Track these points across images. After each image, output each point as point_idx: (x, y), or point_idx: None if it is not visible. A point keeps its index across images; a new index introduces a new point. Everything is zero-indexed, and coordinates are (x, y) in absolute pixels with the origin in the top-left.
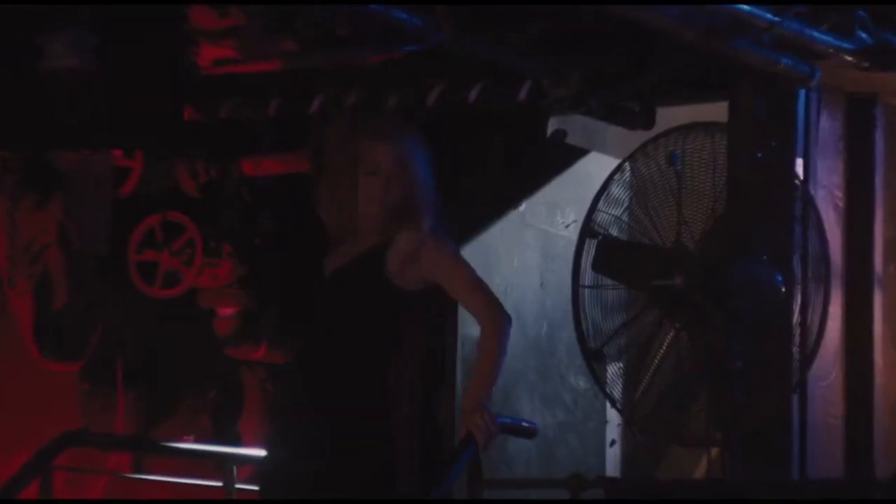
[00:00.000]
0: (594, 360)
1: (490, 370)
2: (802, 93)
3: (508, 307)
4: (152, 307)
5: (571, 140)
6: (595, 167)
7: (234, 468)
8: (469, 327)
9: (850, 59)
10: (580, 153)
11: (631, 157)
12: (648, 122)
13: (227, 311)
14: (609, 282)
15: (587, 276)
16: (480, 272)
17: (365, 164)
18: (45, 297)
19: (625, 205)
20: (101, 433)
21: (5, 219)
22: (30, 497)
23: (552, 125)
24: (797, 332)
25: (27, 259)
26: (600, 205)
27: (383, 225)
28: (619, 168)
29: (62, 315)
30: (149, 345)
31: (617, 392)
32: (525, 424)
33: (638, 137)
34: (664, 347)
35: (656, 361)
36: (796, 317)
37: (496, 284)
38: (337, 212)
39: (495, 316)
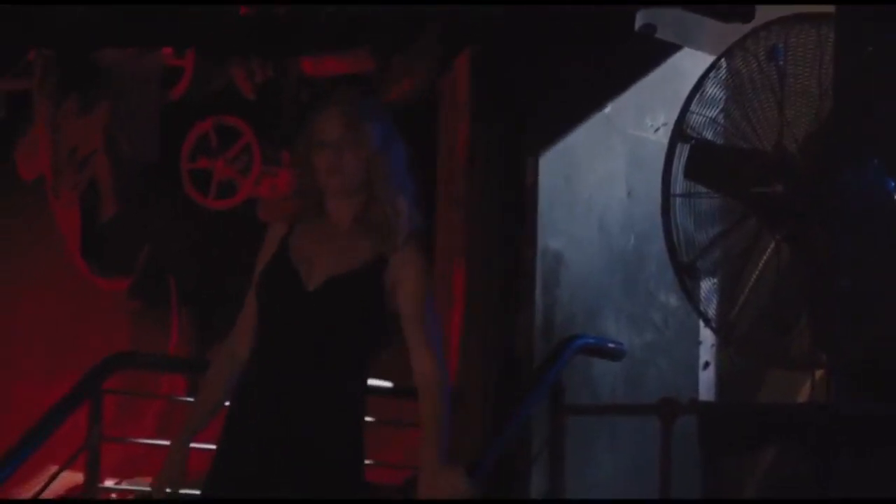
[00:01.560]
0: (686, 274)
1: (440, 436)
2: None
3: (592, 219)
4: (207, 219)
5: (661, 35)
6: (688, 64)
7: None
8: (549, 238)
9: None
10: (671, 49)
11: (728, 53)
12: (747, 15)
13: None
14: (703, 189)
15: (679, 183)
16: (561, 181)
17: (314, 139)
18: (92, 209)
19: (720, 105)
20: (153, 354)
21: (48, 124)
22: (81, 421)
23: (640, 19)
24: None
25: (72, 167)
26: (693, 106)
27: (349, 197)
28: (714, 65)
29: (111, 228)
30: (203, 259)
31: (711, 310)
32: (611, 345)
33: (735, 31)
34: (763, 261)
35: (754, 276)
36: None
37: (578, 194)
38: (302, 197)
39: (441, 375)
